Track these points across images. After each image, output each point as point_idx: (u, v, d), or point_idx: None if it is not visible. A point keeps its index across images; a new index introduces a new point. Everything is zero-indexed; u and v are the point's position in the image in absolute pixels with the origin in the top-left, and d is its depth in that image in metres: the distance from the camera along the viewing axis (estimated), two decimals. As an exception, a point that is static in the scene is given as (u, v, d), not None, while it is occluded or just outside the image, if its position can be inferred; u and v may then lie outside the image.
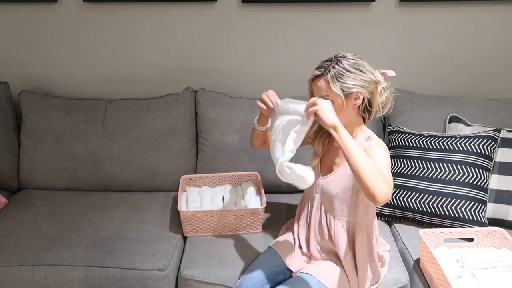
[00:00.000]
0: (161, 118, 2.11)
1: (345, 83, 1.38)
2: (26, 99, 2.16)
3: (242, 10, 2.16)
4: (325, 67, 1.41)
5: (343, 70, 1.38)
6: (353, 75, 1.38)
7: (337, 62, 1.40)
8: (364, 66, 1.41)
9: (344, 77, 1.38)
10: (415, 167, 1.87)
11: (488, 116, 2.05)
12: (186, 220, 1.79)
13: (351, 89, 1.38)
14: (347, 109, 1.41)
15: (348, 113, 1.43)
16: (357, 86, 1.38)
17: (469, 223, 1.76)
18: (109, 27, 2.21)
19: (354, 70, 1.39)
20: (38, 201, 2.05)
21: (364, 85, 1.39)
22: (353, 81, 1.38)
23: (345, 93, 1.39)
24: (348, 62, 1.39)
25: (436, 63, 2.25)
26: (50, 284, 1.64)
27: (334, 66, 1.39)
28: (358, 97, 1.41)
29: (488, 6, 2.14)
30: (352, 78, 1.38)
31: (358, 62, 1.40)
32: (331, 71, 1.39)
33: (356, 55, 1.43)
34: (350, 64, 1.39)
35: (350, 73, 1.38)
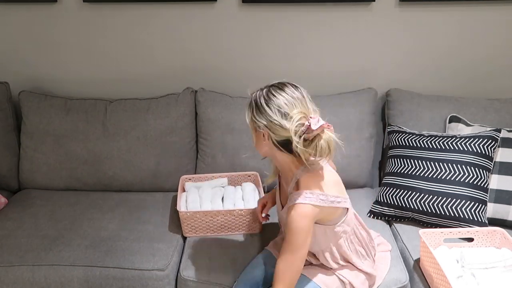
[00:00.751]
0: (161, 118, 2.11)
1: (254, 117, 1.33)
2: (26, 99, 2.16)
3: (242, 10, 2.16)
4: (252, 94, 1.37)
5: (257, 103, 1.32)
6: (263, 112, 1.30)
7: (259, 93, 1.34)
8: (280, 107, 1.28)
9: (256, 112, 1.32)
10: (415, 167, 1.87)
11: (488, 116, 2.05)
12: (186, 220, 1.79)
13: (255, 124, 1.33)
14: (259, 142, 1.37)
15: (264, 147, 1.36)
16: (262, 124, 1.31)
17: (469, 223, 1.76)
18: (109, 27, 2.21)
19: (265, 107, 1.30)
20: (38, 201, 2.05)
21: (268, 126, 1.30)
22: (260, 117, 1.31)
23: (253, 126, 1.35)
24: (265, 96, 1.31)
25: (436, 63, 2.25)
26: (50, 284, 1.64)
27: (256, 97, 1.34)
28: (263, 134, 1.33)
29: (488, 6, 2.14)
30: (261, 114, 1.31)
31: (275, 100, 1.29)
32: (251, 101, 1.35)
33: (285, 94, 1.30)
34: (265, 99, 1.31)
35: (261, 109, 1.31)
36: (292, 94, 1.31)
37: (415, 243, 1.75)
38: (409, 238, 1.80)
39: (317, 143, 1.28)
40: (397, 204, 1.87)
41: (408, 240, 1.79)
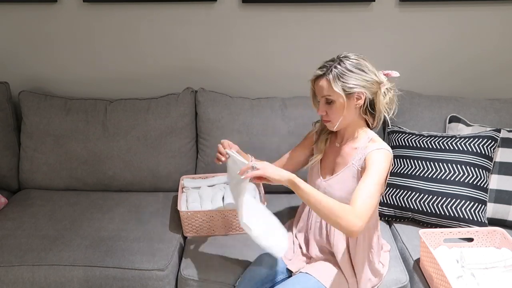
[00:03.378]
0: (161, 118, 2.11)
1: (347, 82, 1.38)
2: (26, 99, 2.16)
3: (242, 10, 2.16)
4: (327, 67, 1.41)
5: (345, 70, 1.38)
6: (355, 75, 1.38)
7: (339, 62, 1.40)
8: (367, 66, 1.41)
9: (345, 77, 1.38)
10: (415, 167, 1.87)
11: (488, 116, 2.05)
12: (186, 220, 1.79)
13: (353, 89, 1.38)
14: (348, 109, 1.42)
15: (350, 114, 1.44)
16: (359, 86, 1.38)
17: (469, 223, 1.76)
18: (109, 27, 2.21)
19: (356, 70, 1.39)
20: (38, 201, 2.05)
21: (366, 85, 1.39)
22: (354, 81, 1.38)
23: (347, 93, 1.39)
24: (350, 62, 1.39)
25: (436, 63, 2.25)
26: (50, 284, 1.64)
27: (336, 66, 1.39)
28: (359, 97, 1.41)
29: (488, 6, 2.14)
30: (354, 78, 1.38)
31: (360, 62, 1.40)
32: (333, 71, 1.39)
33: (359, 56, 1.43)
34: (352, 64, 1.39)
35: (352, 73, 1.38)
36: (362, 56, 1.43)
37: (415, 243, 1.75)
38: (409, 238, 1.80)
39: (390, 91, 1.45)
40: (397, 204, 1.87)
41: (408, 240, 1.79)
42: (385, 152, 1.41)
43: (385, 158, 1.40)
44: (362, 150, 1.45)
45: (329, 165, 1.56)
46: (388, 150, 1.42)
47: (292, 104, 2.12)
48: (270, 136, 2.09)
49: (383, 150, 1.41)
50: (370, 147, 1.43)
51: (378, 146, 1.42)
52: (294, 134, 2.06)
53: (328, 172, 1.55)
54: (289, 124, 2.09)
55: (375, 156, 1.40)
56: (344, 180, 1.48)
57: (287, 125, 2.09)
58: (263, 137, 2.08)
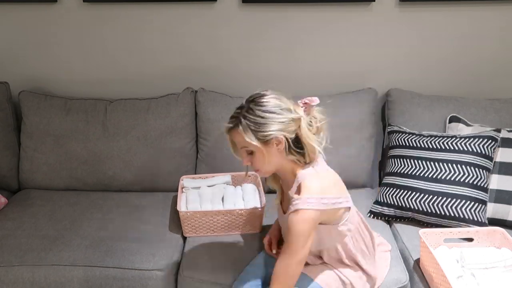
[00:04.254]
0: (161, 118, 2.11)
1: (260, 131, 1.29)
2: (26, 99, 2.16)
3: (242, 10, 2.16)
4: (235, 117, 1.34)
5: (254, 118, 1.30)
6: (267, 121, 1.29)
7: (247, 110, 1.32)
8: (279, 105, 1.31)
9: (257, 125, 1.29)
10: (415, 167, 1.87)
11: (488, 116, 2.05)
12: (186, 220, 1.79)
13: (268, 136, 1.29)
14: (270, 156, 1.33)
15: (274, 158, 1.35)
16: (274, 130, 1.29)
17: (469, 223, 1.76)
18: (109, 27, 2.21)
19: (267, 115, 1.29)
20: (38, 201, 2.05)
21: (282, 128, 1.30)
22: (267, 127, 1.29)
23: (262, 141, 1.30)
24: (259, 108, 1.30)
25: (436, 63, 2.25)
26: (50, 284, 1.64)
27: (245, 115, 1.31)
28: (279, 141, 1.32)
29: (488, 7, 2.14)
30: (267, 124, 1.29)
31: (270, 104, 1.31)
32: (242, 122, 1.31)
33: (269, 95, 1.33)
34: (262, 109, 1.30)
35: (263, 119, 1.29)
36: (274, 94, 1.35)
37: (415, 243, 1.75)
38: (409, 238, 1.80)
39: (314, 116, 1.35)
40: (397, 204, 1.87)
41: (408, 240, 1.79)
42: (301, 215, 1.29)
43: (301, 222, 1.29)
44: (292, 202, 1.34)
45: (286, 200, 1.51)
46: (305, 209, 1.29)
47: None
48: (270, 136, 2.08)
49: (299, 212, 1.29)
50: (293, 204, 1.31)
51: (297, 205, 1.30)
52: (294, 134, 2.06)
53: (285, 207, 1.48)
54: (289, 124, 2.08)
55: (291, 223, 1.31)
56: None
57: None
58: (263, 137, 2.08)
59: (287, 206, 1.42)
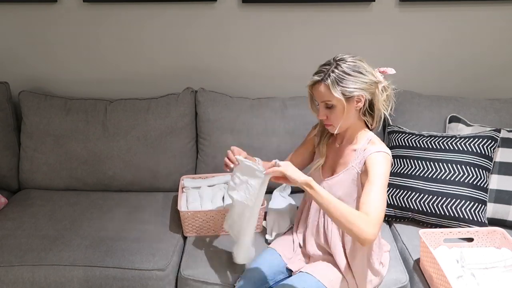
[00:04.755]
0: (161, 118, 2.11)
1: (346, 87, 1.36)
2: (26, 99, 2.16)
3: (242, 10, 2.16)
4: (324, 71, 1.39)
5: (342, 74, 1.36)
6: (353, 78, 1.36)
7: (336, 66, 1.38)
8: (364, 67, 1.39)
9: (344, 81, 1.36)
10: (415, 167, 1.87)
11: (488, 116, 2.05)
12: (186, 220, 1.79)
13: (352, 92, 1.37)
14: (349, 113, 1.41)
15: (350, 116, 1.43)
16: (358, 89, 1.37)
17: (469, 223, 1.76)
18: (109, 27, 2.21)
19: (354, 73, 1.37)
20: (38, 201, 2.05)
21: (365, 87, 1.38)
22: (353, 84, 1.36)
23: (346, 97, 1.37)
24: (347, 65, 1.37)
25: (436, 63, 2.25)
26: (50, 284, 1.64)
27: (334, 71, 1.37)
28: (359, 99, 1.40)
29: (488, 6, 2.14)
30: (353, 81, 1.36)
31: (357, 64, 1.38)
32: (330, 76, 1.37)
33: (355, 57, 1.41)
34: (350, 67, 1.37)
35: (350, 76, 1.36)
36: (358, 57, 1.42)
37: (415, 243, 1.75)
38: (409, 238, 1.80)
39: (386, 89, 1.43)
40: (397, 204, 1.87)
41: (408, 240, 1.79)
42: (384, 154, 1.40)
43: (385, 160, 1.39)
44: (361, 153, 1.44)
45: (329, 166, 1.56)
46: (387, 152, 1.41)
47: (292, 104, 2.12)
48: (270, 136, 2.09)
49: (382, 153, 1.40)
50: (369, 150, 1.42)
51: (377, 148, 1.41)
52: (294, 134, 2.06)
53: (328, 173, 1.55)
54: (289, 124, 2.09)
55: (376, 159, 1.39)
56: (344, 182, 1.48)
57: (287, 125, 2.09)
58: (263, 137, 2.08)
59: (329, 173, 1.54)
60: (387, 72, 1.44)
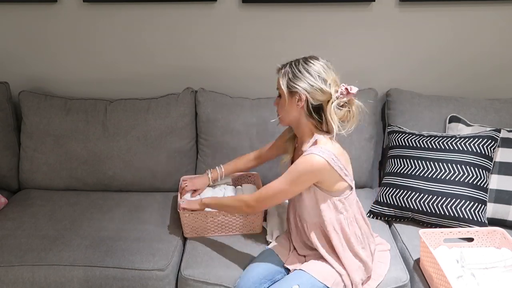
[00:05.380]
0: (161, 118, 2.11)
1: (291, 81, 1.45)
2: (26, 99, 2.16)
3: (242, 10, 2.16)
4: (286, 64, 1.50)
5: (295, 70, 1.45)
6: (302, 77, 1.44)
7: (295, 62, 1.48)
8: (319, 72, 1.43)
9: (292, 76, 1.45)
10: (415, 167, 1.87)
11: (488, 116, 2.05)
12: (186, 220, 1.79)
13: (294, 88, 1.44)
14: (290, 106, 1.48)
15: (292, 111, 1.48)
16: (301, 87, 1.43)
17: (469, 223, 1.76)
18: (109, 27, 2.21)
19: (304, 72, 1.44)
20: (38, 201, 2.05)
21: (308, 89, 1.43)
22: (298, 81, 1.44)
23: (289, 90, 1.46)
24: (304, 65, 1.45)
25: (436, 63, 2.25)
26: (50, 284, 1.64)
27: (291, 65, 1.48)
28: (300, 98, 1.44)
29: (488, 6, 2.14)
30: (299, 79, 1.44)
31: (313, 67, 1.44)
32: (286, 67, 1.48)
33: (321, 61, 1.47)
34: (304, 66, 1.45)
35: (300, 74, 1.44)
36: (326, 63, 1.47)
37: (415, 243, 1.75)
38: (409, 238, 1.80)
39: (350, 108, 1.45)
40: (397, 204, 1.87)
41: (408, 240, 1.79)
42: (311, 156, 1.41)
43: (308, 160, 1.41)
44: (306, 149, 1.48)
45: None
46: (317, 154, 1.40)
47: (292, 104, 2.12)
48: (270, 136, 2.08)
49: (311, 154, 1.41)
50: (307, 151, 1.44)
51: (313, 150, 1.42)
52: (294, 134, 2.06)
53: None
54: (289, 124, 2.09)
55: (299, 161, 1.44)
56: None
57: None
58: (263, 137, 2.08)
59: None
60: (349, 91, 1.43)
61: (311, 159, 1.41)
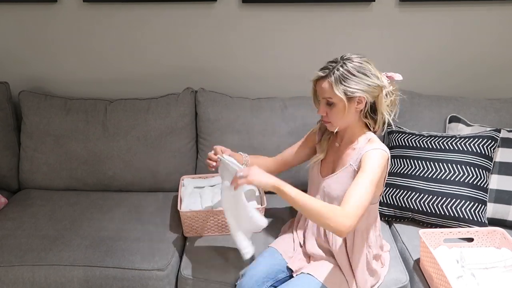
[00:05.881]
0: (161, 118, 2.11)
1: (349, 86, 1.37)
2: (26, 99, 2.16)
3: (242, 10, 2.16)
4: (329, 68, 1.40)
5: (347, 73, 1.37)
6: (357, 79, 1.37)
7: (342, 65, 1.39)
8: (370, 70, 1.39)
9: (347, 81, 1.37)
10: (415, 167, 1.87)
11: (488, 116, 2.05)
12: (186, 220, 1.79)
13: (354, 93, 1.38)
14: (349, 113, 1.42)
15: (350, 117, 1.44)
16: (360, 90, 1.37)
17: (469, 223, 1.76)
18: (109, 27, 2.21)
19: (358, 74, 1.37)
20: (38, 201, 2.05)
21: (367, 90, 1.38)
22: (356, 85, 1.37)
23: (348, 96, 1.38)
24: (353, 65, 1.38)
25: (436, 63, 2.25)
26: (50, 284, 1.64)
27: (339, 69, 1.38)
28: (361, 101, 1.40)
29: (488, 6, 2.14)
30: (356, 82, 1.37)
31: (363, 66, 1.39)
32: (335, 73, 1.38)
33: (362, 58, 1.41)
34: (355, 67, 1.38)
35: (354, 77, 1.37)
36: (363, 58, 1.42)
37: (415, 243, 1.75)
38: (409, 238, 1.80)
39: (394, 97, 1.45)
40: (397, 204, 1.87)
41: (408, 240, 1.79)
42: (380, 152, 1.40)
43: (380, 157, 1.39)
44: (359, 151, 1.45)
45: (328, 165, 1.57)
46: (384, 150, 1.42)
47: (292, 104, 2.12)
48: (270, 136, 2.09)
49: (379, 150, 1.41)
50: (367, 148, 1.42)
51: (375, 146, 1.42)
52: (294, 134, 2.06)
53: (327, 172, 1.56)
54: (289, 125, 2.09)
55: (370, 155, 1.39)
56: (342, 180, 1.48)
57: (287, 126, 2.09)
58: (263, 137, 2.08)
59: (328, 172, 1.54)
60: (393, 78, 1.44)
61: (383, 154, 1.39)
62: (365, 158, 1.40)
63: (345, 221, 1.26)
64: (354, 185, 1.34)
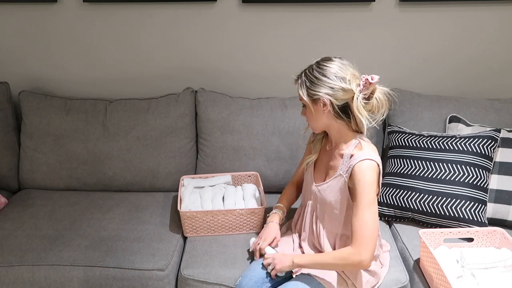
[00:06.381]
0: (161, 118, 2.11)
1: (310, 89, 1.42)
2: (26, 99, 2.16)
3: (242, 10, 2.16)
4: (300, 73, 1.47)
5: (311, 77, 1.43)
6: (320, 82, 1.41)
7: (309, 69, 1.45)
8: (335, 73, 1.40)
9: (310, 84, 1.42)
10: (415, 167, 1.87)
11: (488, 116, 2.05)
12: (186, 220, 1.79)
13: (316, 95, 1.41)
14: (317, 114, 1.45)
15: (321, 118, 1.46)
16: (322, 93, 1.40)
17: (469, 223, 1.76)
18: (109, 27, 2.21)
19: (321, 77, 1.40)
20: (38, 201, 2.05)
21: (330, 93, 1.39)
22: (317, 87, 1.41)
23: (311, 98, 1.43)
24: (319, 69, 1.42)
25: (436, 63, 2.25)
26: (50, 284, 1.64)
27: (306, 73, 1.45)
28: (325, 103, 1.41)
29: (488, 6, 2.14)
30: (318, 85, 1.41)
31: (329, 69, 1.40)
32: (302, 77, 1.46)
33: (333, 61, 1.42)
34: (320, 71, 1.41)
35: (317, 80, 1.41)
36: (340, 61, 1.43)
37: (415, 243, 1.75)
38: (409, 238, 1.80)
39: (376, 97, 1.41)
40: (397, 204, 1.87)
41: (408, 240, 1.79)
42: (370, 164, 1.39)
43: (371, 172, 1.39)
44: (348, 159, 1.44)
45: (321, 169, 1.58)
46: (372, 159, 1.40)
47: (292, 104, 2.12)
48: (270, 136, 2.09)
49: (367, 161, 1.39)
50: (355, 157, 1.41)
51: (363, 156, 1.40)
52: (294, 134, 2.06)
53: (320, 176, 1.57)
54: (289, 125, 2.09)
55: (361, 172, 1.38)
56: (333, 189, 1.50)
57: (287, 125, 2.09)
58: (263, 137, 2.09)
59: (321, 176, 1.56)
60: (368, 81, 1.39)
61: (370, 165, 1.39)
62: (356, 177, 1.39)
63: (360, 258, 1.35)
64: (357, 218, 1.37)
